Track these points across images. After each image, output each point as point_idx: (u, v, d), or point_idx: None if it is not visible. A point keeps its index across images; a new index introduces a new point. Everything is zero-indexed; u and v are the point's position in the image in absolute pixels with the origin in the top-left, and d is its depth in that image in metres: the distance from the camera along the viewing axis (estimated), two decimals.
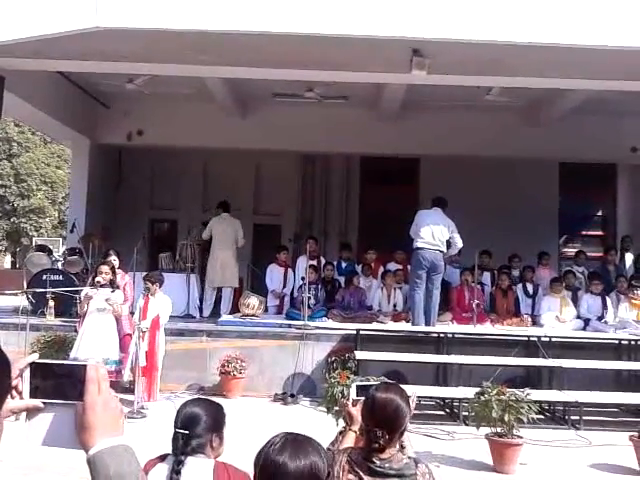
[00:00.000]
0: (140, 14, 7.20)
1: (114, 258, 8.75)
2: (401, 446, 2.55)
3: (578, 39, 7.18)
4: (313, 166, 14.79)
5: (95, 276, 7.86)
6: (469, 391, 6.66)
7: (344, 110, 12.32)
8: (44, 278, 9.89)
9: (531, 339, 8.77)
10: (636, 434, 5.95)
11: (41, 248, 11.83)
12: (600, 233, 15.01)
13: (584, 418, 7.38)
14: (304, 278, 9.79)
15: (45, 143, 32.65)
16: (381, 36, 7.27)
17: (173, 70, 8.92)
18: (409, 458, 2.48)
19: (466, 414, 7.11)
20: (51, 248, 12.19)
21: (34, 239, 27.81)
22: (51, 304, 9.40)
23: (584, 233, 14.97)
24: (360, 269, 11.05)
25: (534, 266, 11.24)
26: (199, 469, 2.46)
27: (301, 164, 14.71)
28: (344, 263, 11.37)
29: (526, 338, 8.83)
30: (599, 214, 15.15)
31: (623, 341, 8.92)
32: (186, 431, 2.52)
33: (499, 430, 5.82)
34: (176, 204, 14.68)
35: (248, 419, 6.90)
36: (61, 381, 1.24)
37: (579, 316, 10.03)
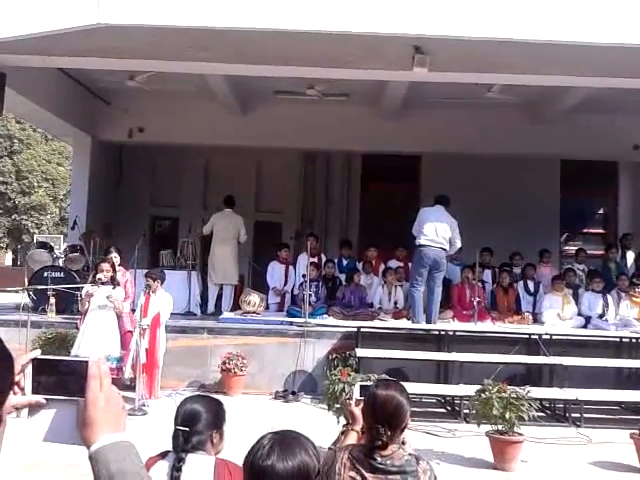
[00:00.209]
0: (141, 11, 7.20)
1: (115, 255, 8.76)
2: (402, 442, 2.56)
3: (579, 36, 7.18)
4: (314, 163, 14.78)
5: (96, 273, 7.87)
6: (470, 389, 6.66)
7: (345, 107, 12.31)
8: (45, 275, 9.90)
9: (532, 337, 8.76)
10: (637, 432, 5.95)
11: (42, 245, 11.83)
12: (601, 231, 15.01)
13: (585, 416, 7.38)
14: (305, 275, 9.79)
15: (46, 140, 32.65)
16: (382, 33, 7.27)
17: (174, 67, 8.91)
18: (410, 455, 2.48)
19: (467, 412, 7.11)
20: (52, 245, 12.17)
21: (35, 236, 27.80)
22: (52, 301, 9.41)
23: (585, 231, 14.97)
24: (361, 266, 11.04)
25: (535, 264, 11.23)
26: (200, 466, 2.46)
27: (302, 161, 14.70)
28: (345, 260, 11.36)
29: (527, 336, 8.83)
30: (600, 212, 15.15)
31: (624, 339, 8.92)
32: (186, 428, 2.52)
33: (500, 427, 5.82)
34: (177, 201, 14.68)
35: (249, 416, 6.91)
36: (63, 377, 1.24)
37: (580, 314, 10.03)
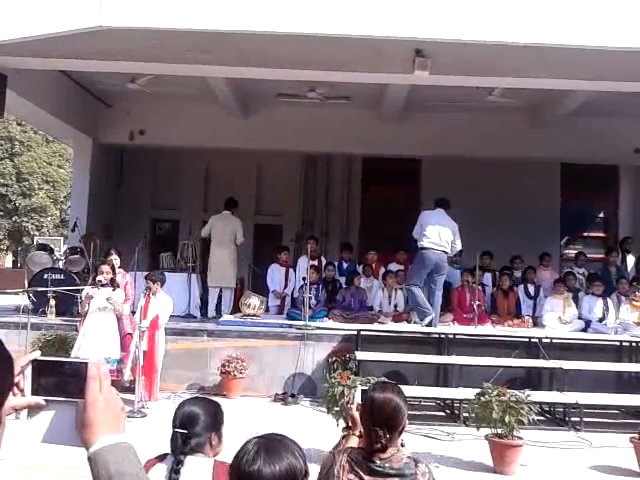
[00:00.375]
0: (143, 14, 7.21)
1: (115, 257, 8.75)
2: (401, 444, 2.56)
3: (580, 40, 7.18)
4: (315, 166, 14.79)
5: (96, 275, 7.87)
6: (469, 392, 6.66)
7: (346, 110, 12.32)
8: (45, 277, 9.90)
9: (532, 340, 8.76)
10: (636, 436, 5.94)
11: (42, 247, 11.83)
12: (602, 234, 15.01)
13: (584, 420, 7.37)
14: (305, 278, 9.79)
15: (47, 142, 32.67)
16: (384, 36, 7.28)
17: (175, 70, 8.92)
18: (409, 457, 2.48)
19: (466, 415, 7.11)
20: (52, 247, 12.18)
21: (35, 238, 27.83)
22: (52, 303, 9.41)
23: (586, 234, 14.97)
24: (361, 269, 11.05)
25: (536, 267, 11.23)
26: (198, 468, 2.45)
27: (303, 164, 14.71)
28: (345, 263, 11.36)
29: (527, 339, 8.83)
30: (601, 215, 15.15)
31: (624, 343, 8.91)
32: (185, 430, 2.52)
33: (499, 431, 5.81)
34: (178, 204, 14.69)
35: (248, 419, 6.90)
36: (63, 378, 1.24)
37: (580, 317, 10.02)
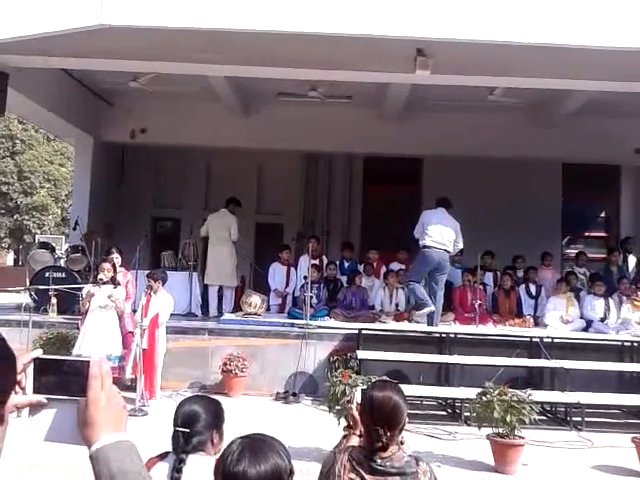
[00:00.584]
0: (144, 12, 7.21)
1: (116, 256, 8.76)
2: (401, 442, 2.55)
3: (582, 40, 7.17)
4: (316, 165, 14.79)
5: (97, 273, 7.87)
6: (471, 391, 6.65)
7: (347, 110, 12.32)
8: (47, 275, 9.91)
9: (533, 340, 8.75)
10: (638, 435, 5.95)
11: (44, 245, 11.84)
12: (603, 234, 15.01)
13: (586, 419, 7.37)
14: (306, 277, 9.79)
15: (48, 140, 32.68)
16: (385, 35, 7.27)
17: (177, 69, 8.93)
18: (410, 456, 2.48)
19: (468, 414, 7.11)
20: (54, 245, 12.19)
21: (37, 236, 27.85)
22: (54, 301, 9.42)
23: (587, 234, 14.97)
24: (362, 268, 11.04)
25: (537, 267, 11.22)
26: (200, 467, 2.45)
27: (304, 163, 14.71)
28: (346, 262, 11.37)
29: (528, 339, 8.83)
30: (602, 215, 15.14)
31: (626, 343, 8.91)
32: (186, 429, 2.52)
33: (501, 430, 5.81)
34: (179, 202, 14.70)
35: (250, 418, 6.90)
36: (64, 377, 1.24)
37: (582, 317, 10.01)
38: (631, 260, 11.70)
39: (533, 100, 11.51)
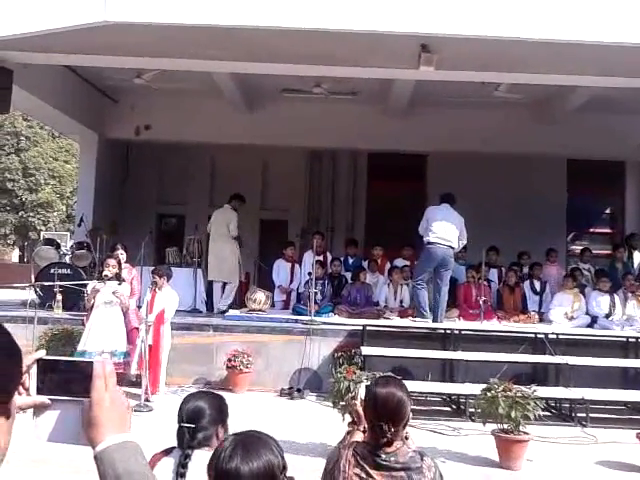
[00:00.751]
0: (148, 8, 7.21)
1: (121, 252, 8.78)
2: (405, 437, 2.56)
3: (587, 35, 7.15)
4: (320, 162, 14.79)
5: (102, 270, 7.89)
6: (476, 387, 6.65)
7: (352, 106, 12.31)
8: (52, 272, 9.93)
9: (538, 336, 8.74)
10: None
11: (49, 242, 11.87)
12: (608, 230, 14.97)
13: (591, 415, 7.36)
14: (311, 273, 9.80)
15: (53, 137, 32.77)
16: (389, 31, 7.25)
17: (181, 65, 8.92)
18: (414, 451, 2.48)
19: (472, 410, 7.10)
20: (59, 242, 12.22)
21: (42, 233, 27.90)
22: (59, 297, 9.45)
23: (592, 230, 14.93)
24: (367, 265, 11.04)
25: (542, 263, 11.20)
26: (206, 462, 2.45)
27: (308, 160, 14.71)
28: (351, 259, 11.37)
29: (533, 335, 8.81)
30: (607, 211, 15.10)
31: (630, 339, 8.89)
32: (192, 425, 2.53)
33: (505, 426, 5.81)
34: (183, 199, 14.71)
35: (254, 414, 6.91)
36: (68, 377, 1.24)
37: (587, 313, 10.00)
38: (636, 256, 11.67)
39: (537, 96, 11.48)
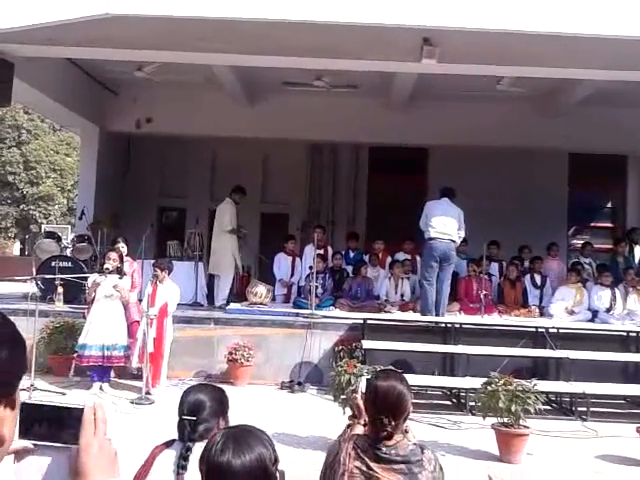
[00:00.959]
0: (150, 1, 7.19)
1: (122, 245, 8.78)
2: (405, 430, 2.56)
3: (589, 28, 7.13)
4: (321, 155, 14.77)
5: (103, 263, 7.89)
6: (476, 381, 6.65)
7: (353, 99, 12.28)
8: (53, 265, 9.93)
9: (539, 330, 8.75)
10: None
11: (50, 235, 11.87)
12: (609, 225, 14.96)
13: (591, 409, 7.37)
14: (312, 267, 9.80)
15: (54, 130, 32.74)
16: (391, 24, 7.23)
17: (182, 58, 8.90)
18: (415, 444, 2.49)
19: (473, 404, 7.11)
20: (60, 235, 12.21)
21: (43, 226, 27.91)
22: (60, 290, 9.45)
23: (593, 224, 14.91)
24: (367, 259, 11.04)
25: (542, 257, 11.20)
26: None
27: (309, 153, 14.69)
28: (352, 253, 11.37)
29: (534, 329, 8.82)
30: (608, 206, 15.08)
31: (631, 333, 8.89)
32: (193, 417, 2.53)
33: (506, 420, 5.81)
34: (184, 192, 14.71)
35: (255, 407, 6.93)
36: (57, 423, 1.20)
37: (589, 307, 10.00)
38: (637, 251, 11.66)
39: (540, 90, 11.45)
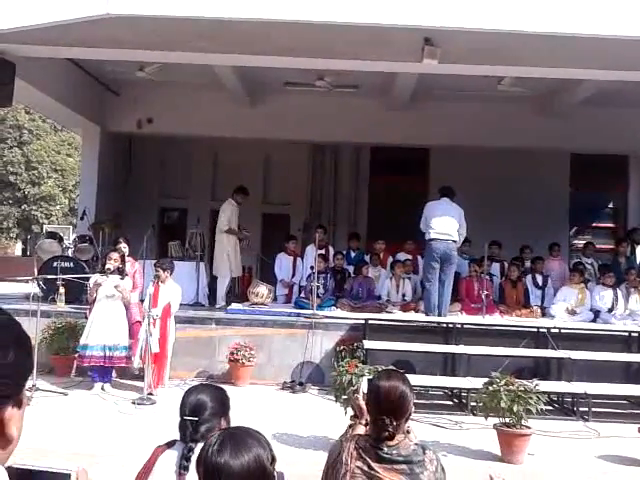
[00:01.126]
0: (150, 1, 7.20)
1: (124, 245, 8.78)
2: (407, 431, 2.56)
3: (591, 29, 7.12)
4: (323, 155, 14.77)
5: (105, 263, 7.90)
6: (477, 381, 6.66)
7: (354, 99, 12.28)
8: (55, 265, 9.93)
9: (540, 330, 8.74)
10: None
11: (52, 235, 11.88)
12: (611, 225, 14.95)
13: (592, 410, 7.36)
14: (313, 267, 9.80)
15: (56, 131, 32.76)
16: (392, 24, 7.22)
17: (183, 58, 8.90)
18: (416, 445, 2.48)
19: (474, 404, 7.10)
20: (62, 235, 12.24)
21: (45, 226, 27.97)
22: (62, 291, 9.45)
23: (595, 225, 14.91)
24: (369, 259, 11.03)
25: (544, 257, 11.18)
26: None
27: (311, 153, 14.69)
28: (353, 253, 11.36)
29: (535, 329, 8.81)
30: (610, 206, 15.08)
31: (632, 333, 8.88)
32: (195, 418, 2.53)
33: (507, 420, 5.81)
34: (186, 193, 14.71)
35: (257, 407, 6.93)
36: None
37: (591, 308, 9.99)
38: (639, 251, 11.65)
39: (541, 90, 11.44)
